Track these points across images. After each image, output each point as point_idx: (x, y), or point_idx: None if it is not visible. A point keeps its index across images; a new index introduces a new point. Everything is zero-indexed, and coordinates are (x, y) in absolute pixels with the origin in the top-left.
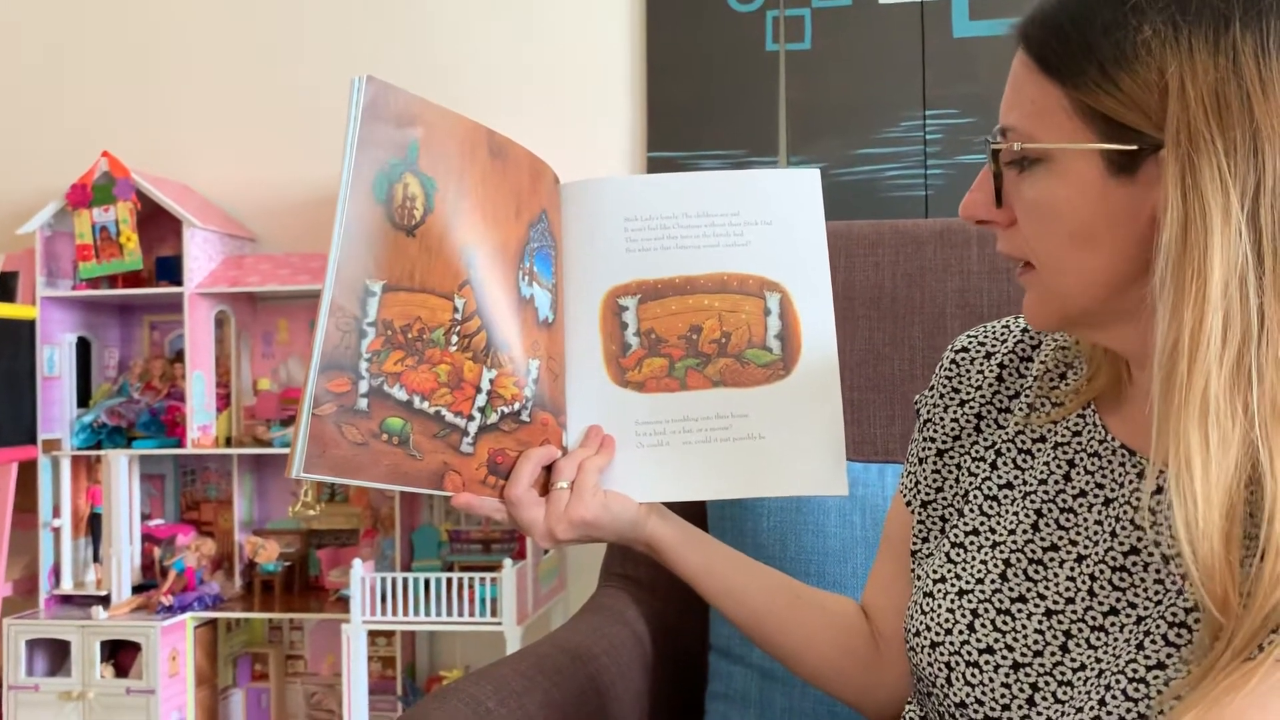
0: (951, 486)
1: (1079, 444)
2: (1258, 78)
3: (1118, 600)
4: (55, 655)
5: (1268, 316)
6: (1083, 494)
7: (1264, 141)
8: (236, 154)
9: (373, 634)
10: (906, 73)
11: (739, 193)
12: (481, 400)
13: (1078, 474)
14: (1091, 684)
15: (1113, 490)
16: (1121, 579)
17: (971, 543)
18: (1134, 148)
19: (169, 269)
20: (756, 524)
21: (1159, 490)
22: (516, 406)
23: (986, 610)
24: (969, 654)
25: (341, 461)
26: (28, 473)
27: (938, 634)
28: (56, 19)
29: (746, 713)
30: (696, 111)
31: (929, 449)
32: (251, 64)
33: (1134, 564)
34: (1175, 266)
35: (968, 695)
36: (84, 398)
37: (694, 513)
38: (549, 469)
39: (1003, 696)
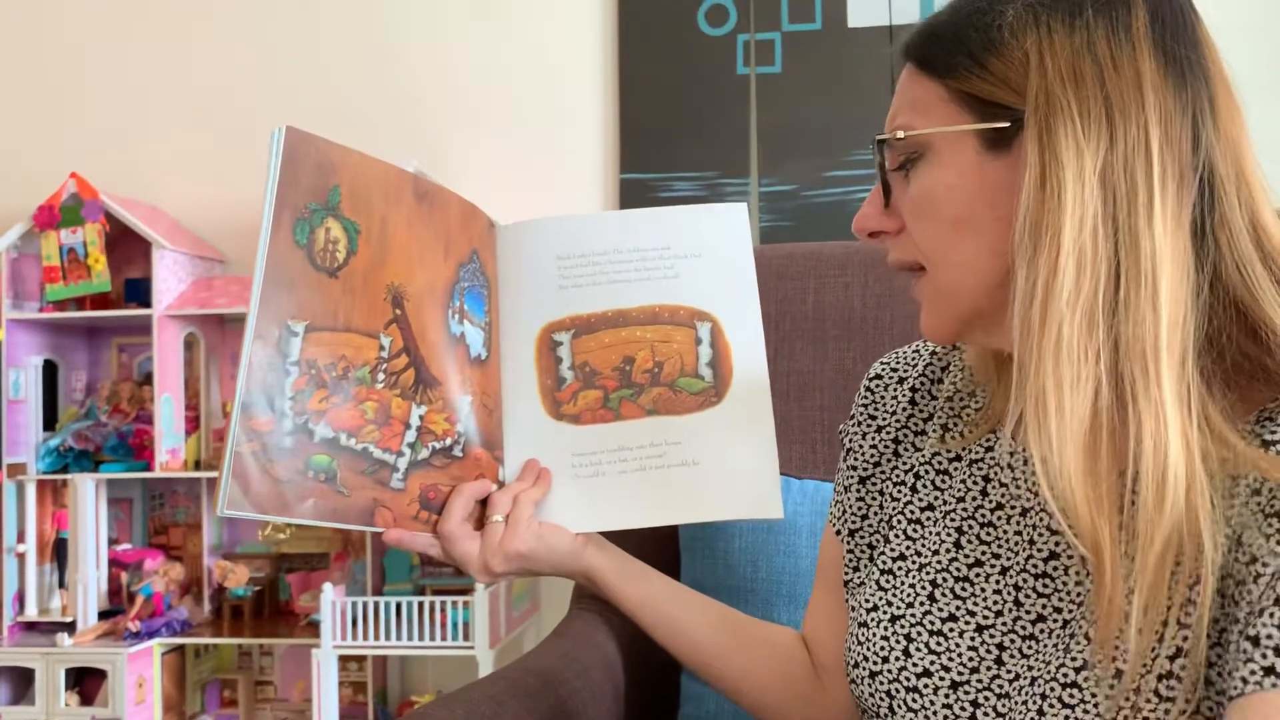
0: (876, 513)
1: (992, 459)
2: (1109, 55)
3: (1043, 607)
4: (18, 684)
5: (1122, 265)
6: (1000, 507)
7: (1115, 112)
8: (206, 175)
9: (344, 659)
10: (876, 95)
11: (669, 228)
12: (411, 436)
13: (994, 488)
14: (1027, 693)
15: (1028, 500)
16: (1045, 585)
17: (899, 568)
18: (1005, 124)
19: (138, 291)
20: (728, 545)
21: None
22: (449, 442)
23: (919, 634)
24: (907, 680)
25: (266, 499)
26: None
27: (875, 663)
28: (24, 40)
29: None
30: (668, 134)
31: (852, 477)
32: (221, 86)
33: (1054, 569)
34: (1032, 220)
35: None
36: (50, 421)
37: (664, 535)
38: (484, 504)
39: (945, 717)
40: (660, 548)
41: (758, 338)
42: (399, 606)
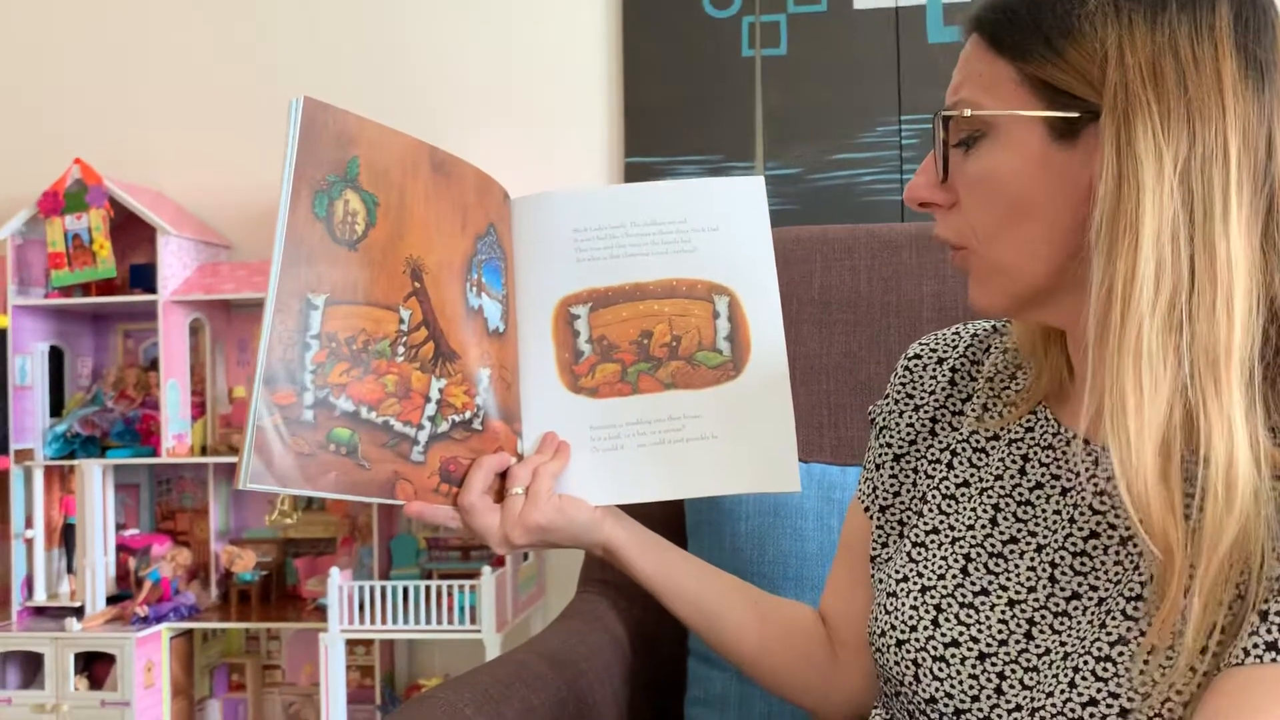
0: (909, 490)
1: (1033, 439)
2: (1191, 55)
3: (1079, 585)
4: (28, 668)
5: (1198, 269)
6: (1039, 486)
7: (1195, 114)
8: (211, 161)
9: (351, 643)
10: (882, 78)
11: (685, 201)
12: (431, 409)
13: (1033, 467)
14: (1058, 667)
15: (1069, 480)
16: (1083, 563)
17: (932, 541)
18: (1075, 115)
19: (143, 276)
20: (734, 528)
21: (1091, 454)
22: (468, 415)
23: (950, 605)
24: (935, 649)
25: (288, 472)
26: None
27: (903, 632)
28: (28, 25)
29: (726, 717)
30: (674, 117)
31: (885, 455)
32: (226, 71)
33: (1094, 548)
34: (1109, 219)
35: (937, 690)
36: (57, 407)
37: (671, 517)
38: (504, 476)
39: (971, 688)
40: (666, 531)
41: (775, 311)
42: (406, 591)
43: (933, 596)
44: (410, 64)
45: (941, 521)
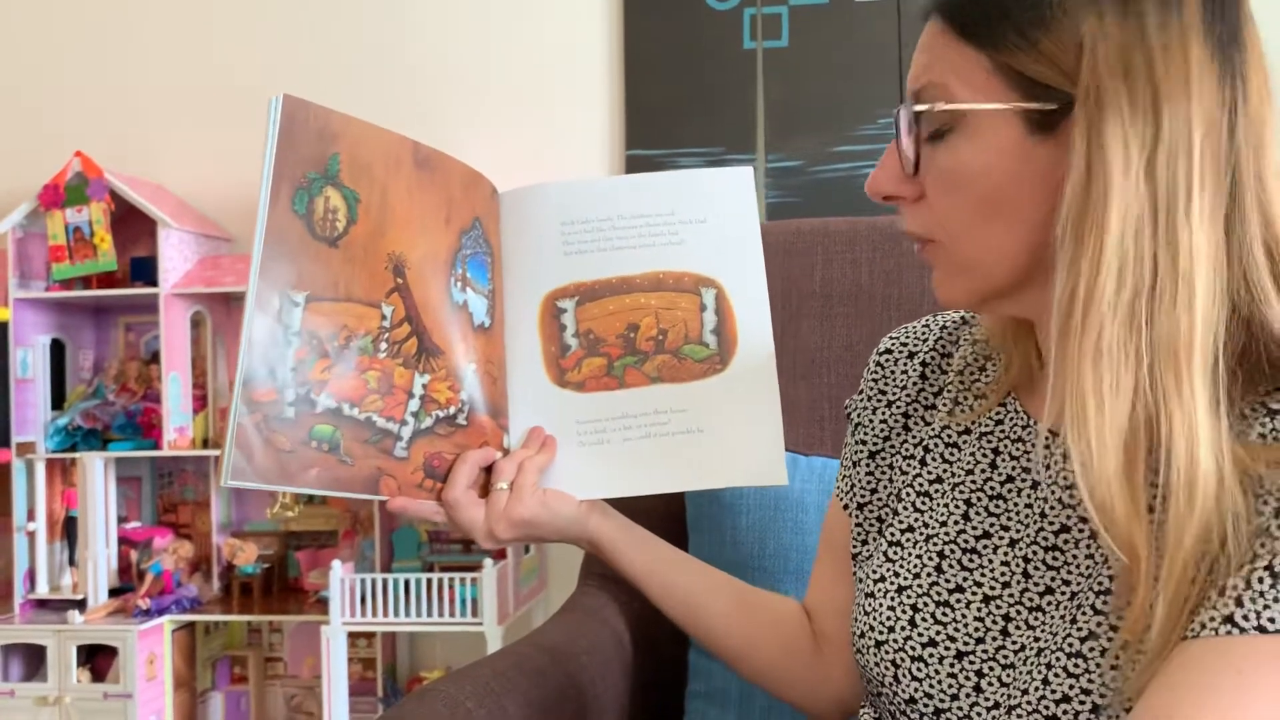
0: (885, 487)
1: (1002, 431)
2: (1161, 45)
3: (1052, 579)
4: (31, 660)
5: (1160, 266)
6: (1010, 479)
7: (1163, 101)
8: (212, 154)
9: (352, 635)
10: (883, 70)
11: (673, 192)
12: (414, 405)
13: (1003, 460)
14: (1032, 663)
15: (1039, 473)
16: (1054, 558)
17: (908, 539)
18: (1053, 106)
19: (144, 270)
20: (735, 521)
21: (1051, 442)
22: (452, 410)
23: (926, 604)
24: (913, 649)
25: (269, 469)
26: (1, 476)
27: (881, 633)
28: (28, 18)
29: (726, 711)
30: (675, 109)
31: (861, 452)
32: (225, 63)
33: (1065, 542)
34: (1076, 219)
35: (916, 690)
36: (58, 400)
37: (671, 512)
38: (489, 471)
39: (950, 687)
40: (667, 525)
41: (762, 303)
42: (407, 583)
43: (909, 596)
44: (411, 59)
45: (916, 519)
